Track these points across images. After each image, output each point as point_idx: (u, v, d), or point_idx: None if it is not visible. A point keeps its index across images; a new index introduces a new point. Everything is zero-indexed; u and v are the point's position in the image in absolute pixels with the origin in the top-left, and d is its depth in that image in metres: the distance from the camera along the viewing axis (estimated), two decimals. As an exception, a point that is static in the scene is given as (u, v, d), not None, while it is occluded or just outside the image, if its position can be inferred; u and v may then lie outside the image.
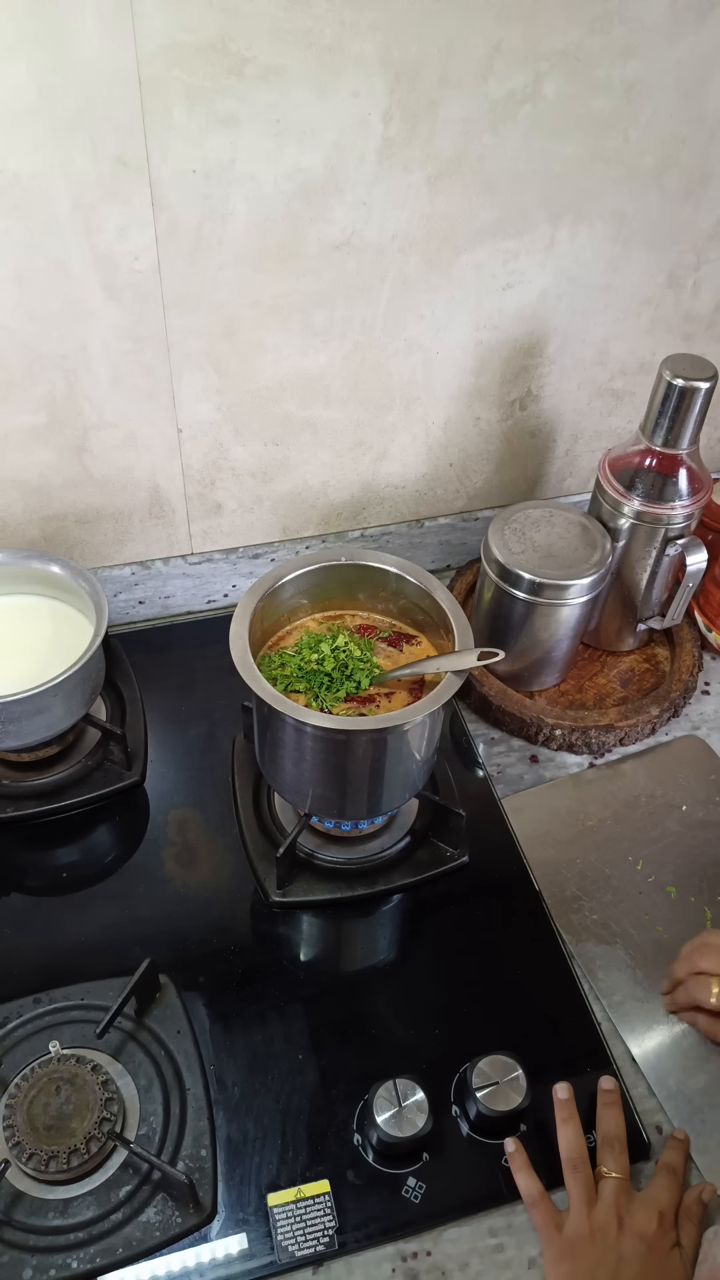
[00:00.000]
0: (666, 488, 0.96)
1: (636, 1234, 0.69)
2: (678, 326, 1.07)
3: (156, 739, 1.01)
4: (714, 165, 0.94)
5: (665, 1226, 0.70)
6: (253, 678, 0.76)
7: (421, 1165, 0.75)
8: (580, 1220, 0.70)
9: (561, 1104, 0.76)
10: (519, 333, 1.01)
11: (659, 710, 1.04)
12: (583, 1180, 0.72)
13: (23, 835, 0.94)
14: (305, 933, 0.89)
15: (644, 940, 0.89)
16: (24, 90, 0.73)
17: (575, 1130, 0.75)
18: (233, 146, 0.80)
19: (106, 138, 0.77)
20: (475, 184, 0.88)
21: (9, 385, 0.90)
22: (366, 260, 0.90)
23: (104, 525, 1.05)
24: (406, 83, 0.80)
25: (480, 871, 0.92)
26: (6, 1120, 0.72)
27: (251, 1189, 0.73)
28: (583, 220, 0.94)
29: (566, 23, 0.80)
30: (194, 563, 1.11)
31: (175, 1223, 0.71)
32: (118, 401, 0.94)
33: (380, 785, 0.82)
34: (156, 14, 0.72)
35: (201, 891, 0.90)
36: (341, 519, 1.14)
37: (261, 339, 0.93)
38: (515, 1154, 0.74)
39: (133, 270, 0.85)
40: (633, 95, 0.86)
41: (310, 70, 0.77)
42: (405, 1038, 0.82)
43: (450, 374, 1.03)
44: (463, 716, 1.06)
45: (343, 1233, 0.72)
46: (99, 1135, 0.71)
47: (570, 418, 1.12)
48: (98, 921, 0.88)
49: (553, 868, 0.94)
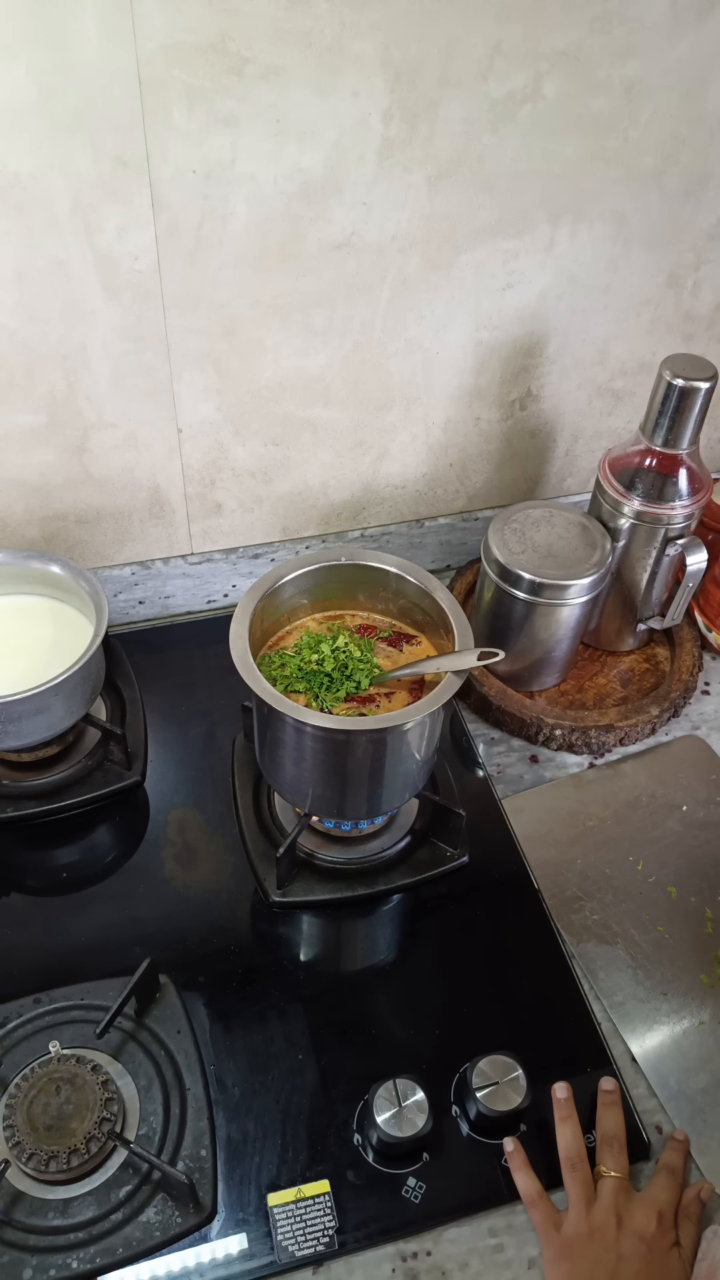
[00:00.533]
0: (666, 488, 0.96)
1: (635, 1233, 0.69)
2: (678, 326, 1.07)
3: (156, 739, 1.01)
4: (714, 165, 0.94)
5: (664, 1226, 0.70)
6: (253, 678, 0.76)
7: (421, 1165, 0.75)
8: (579, 1220, 0.70)
9: (560, 1103, 0.76)
10: (519, 333, 1.01)
11: (659, 710, 1.04)
12: (581, 1179, 0.72)
13: (23, 835, 0.94)
14: (305, 933, 0.89)
15: (645, 940, 0.89)
16: (24, 90, 0.73)
17: (574, 1130, 0.75)
18: (233, 146, 0.80)
19: (106, 138, 0.77)
20: (475, 184, 0.88)
21: (9, 385, 0.90)
22: (366, 260, 0.90)
23: (104, 525, 1.05)
24: (406, 83, 0.80)
25: (480, 871, 0.92)
26: (6, 1120, 0.72)
27: (251, 1189, 0.73)
28: (583, 220, 0.94)
29: (566, 23, 0.80)
30: (194, 563, 1.11)
31: (175, 1223, 0.71)
32: (118, 401, 0.94)
33: (380, 785, 0.82)
34: (156, 14, 0.72)
35: (201, 891, 0.90)
36: (341, 519, 1.14)
37: (261, 339, 0.93)
38: (514, 1153, 0.74)
39: (133, 270, 0.85)
40: (633, 95, 0.86)
41: (310, 70, 0.77)
42: (405, 1038, 0.82)
43: (450, 374, 1.03)
44: (463, 716, 1.06)
45: (343, 1233, 0.72)
46: (99, 1135, 0.71)
47: (570, 418, 1.12)
48: (98, 921, 0.88)
49: (553, 868, 0.94)
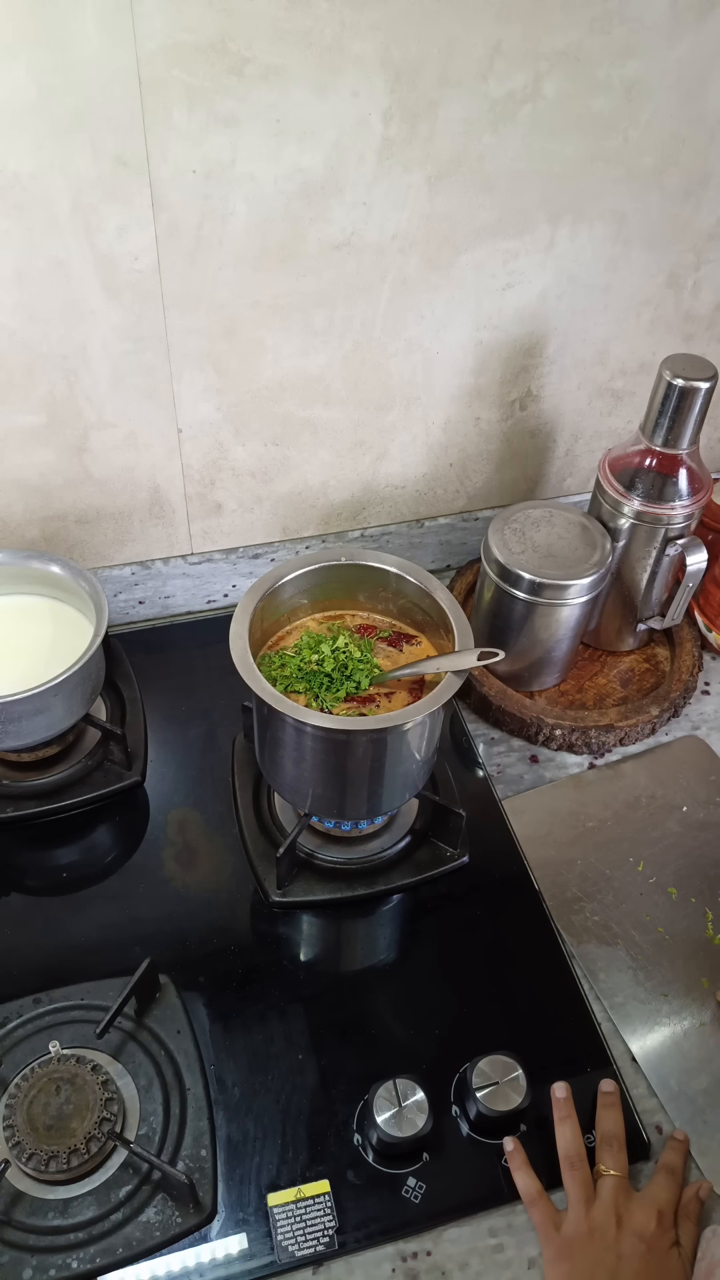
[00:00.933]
0: (666, 488, 0.96)
1: (635, 1233, 0.69)
2: (678, 326, 1.07)
3: (156, 739, 1.01)
4: (714, 165, 0.94)
5: (664, 1225, 0.70)
6: (253, 678, 0.76)
7: (421, 1165, 0.75)
8: (579, 1219, 0.70)
9: (559, 1103, 0.76)
10: (519, 333, 1.01)
11: (659, 710, 1.04)
12: (580, 1179, 0.72)
13: (23, 835, 0.94)
14: (305, 933, 0.89)
15: (645, 941, 0.89)
16: (24, 90, 0.73)
17: (573, 1129, 0.75)
18: (233, 146, 0.80)
19: (106, 138, 0.77)
20: (475, 184, 0.88)
21: (9, 385, 0.90)
22: (366, 260, 0.90)
23: (104, 525, 1.05)
24: (406, 83, 0.80)
25: (480, 872, 0.92)
26: (6, 1120, 0.72)
27: (251, 1189, 0.73)
28: (583, 220, 0.94)
29: (566, 23, 0.80)
30: (194, 563, 1.11)
31: (175, 1223, 0.71)
32: (118, 401, 0.94)
33: (380, 785, 0.82)
34: (156, 14, 0.72)
35: (201, 891, 0.90)
36: (341, 519, 1.14)
37: (261, 339, 0.93)
38: (514, 1153, 0.74)
39: (133, 270, 0.85)
40: (633, 95, 0.86)
41: (310, 70, 0.77)
42: (405, 1038, 0.82)
43: (450, 374, 1.03)
44: (463, 716, 1.06)
45: (343, 1233, 0.72)
46: (99, 1135, 0.71)
47: (570, 418, 1.12)
48: (98, 921, 0.88)
49: (554, 869, 0.93)
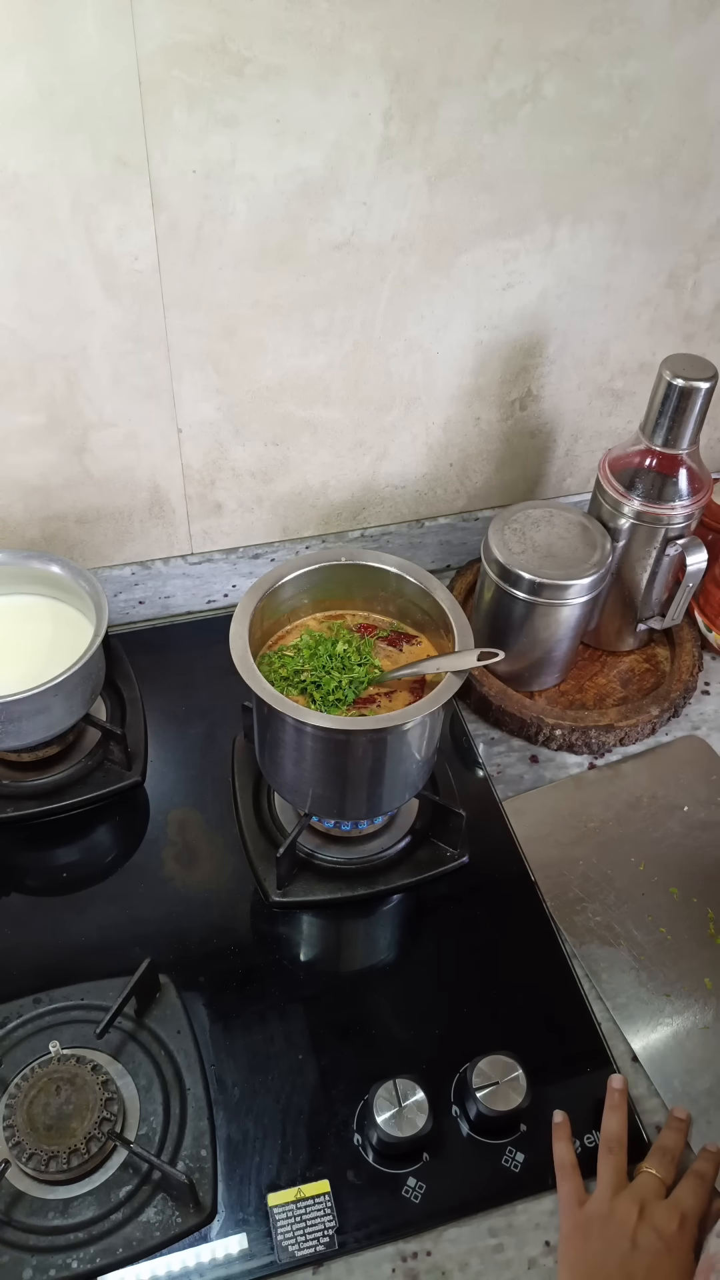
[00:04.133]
0: (666, 488, 0.96)
1: (655, 1229, 0.69)
2: (678, 326, 1.07)
3: (156, 739, 1.01)
4: (714, 165, 0.94)
5: (685, 1230, 0.69)
6: (253, 678, 0.76)
7: (421, 1165, 0.74)
8: (603, 1200, 0.71)
9: (614, 1093, 0.77)
10: (519, 333, 1.01)
11: (659, 710, 1.04)
12: (615, 1165, 0.73)
13: (23, 835, 0.94)
14: (305, 933, 0.89)
15: (647, 942, 0.89)
16: (24, 90, 0.73)
17: (620, 1120, 0.76)
18: (233, 146, 0.80)
19: (106, 138, 0.77)
20: (475, 184, 0.88)
21: (9, 385, 0.90)
22: (366, 260, 0.90)
23: (104, 525, 1.05)
24: (406, 83, 0.80)
25: (480, 872, 0.92)
26: (6, 1120, 0.72)
27: (251, 1189, 0.73)
28: (583, 220, 0.94)
29: (566, 23, 0.80)
30: (194, 563, 1.11)
31: (175, 1223, 0.71)
32: (118, 401, 0.94)
33: (380, 785, 0.82)
34: (156, 14, 0.72)
35: (201, 891, 0.90)
36: (341, 519, 1.14)
37: (261, 339, 0.93)
38: (560, 1124, 0.76)
39: (133, 270, 0.85)
40: (633, 95, 0.86)
41: (310, 70, 0.77)
42: (405, 1038, 0.82)
43: (450, 374, 1.03)
44: (463, 716, 1.06)
45: (343, 1233, 0.72)
46: (99, 1135, 0.71)
47: (570, 418, 1.12)
48: (98, 921, 0.88)
49: (555, 869, 0.93)
